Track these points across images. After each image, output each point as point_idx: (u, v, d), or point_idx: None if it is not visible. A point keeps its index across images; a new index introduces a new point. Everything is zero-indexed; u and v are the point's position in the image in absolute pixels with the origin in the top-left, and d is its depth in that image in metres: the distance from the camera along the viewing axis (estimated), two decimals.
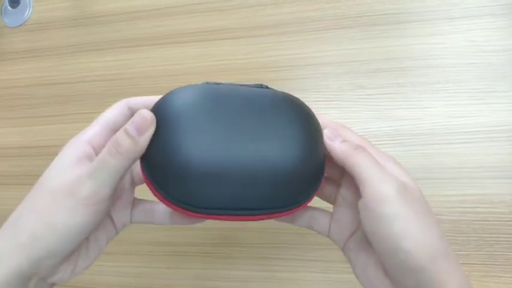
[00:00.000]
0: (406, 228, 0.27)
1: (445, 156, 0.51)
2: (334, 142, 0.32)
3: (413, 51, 0.55)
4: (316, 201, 0.35)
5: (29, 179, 0.64)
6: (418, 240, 0.27)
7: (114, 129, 0.33)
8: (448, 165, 0.51)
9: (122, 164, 0.29)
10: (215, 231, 0.55)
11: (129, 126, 0.29)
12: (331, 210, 0.37)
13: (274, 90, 0.34)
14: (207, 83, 0.33)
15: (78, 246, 0.32)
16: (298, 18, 0.59)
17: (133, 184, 0.38)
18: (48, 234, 0.29)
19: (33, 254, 0.29)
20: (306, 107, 0.34)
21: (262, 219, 0.31)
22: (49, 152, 0.64)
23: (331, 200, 0.37)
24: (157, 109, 0.31)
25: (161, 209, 0.36)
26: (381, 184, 0.29)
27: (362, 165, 0.30)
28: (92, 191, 0.29)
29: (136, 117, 0.30)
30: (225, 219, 0.30)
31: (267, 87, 0.34)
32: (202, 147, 0.28)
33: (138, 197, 0.38)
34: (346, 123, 0.53)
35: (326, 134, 0.33)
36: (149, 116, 0.30)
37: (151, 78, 0.63)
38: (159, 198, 0.30)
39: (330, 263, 0.52)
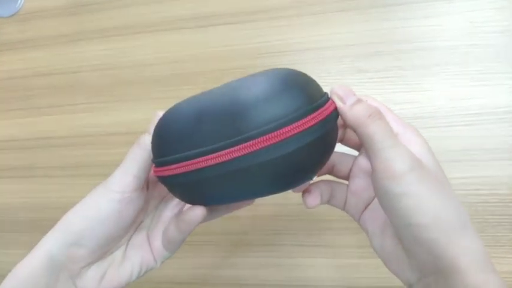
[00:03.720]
0: (419, 205, 0.27)
1: (446, 139, 0.51)
2: (345, 104, 0.29)
3: (413, 34, 0.54)
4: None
5: (28, 171, 0.63)
6: (431, 216, 0.27)
7: None
8: (449, 148, 0.51)
9: (141, 154, 0.33)
10: (218, 219, 0.55)
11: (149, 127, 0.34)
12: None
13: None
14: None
15: (105, 241, 0.33)
16: (296, 1, 0.58)
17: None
18: (78, 219, 0.33)
19: (64, 238, 0.32)
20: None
21: (262, 145, 0.26)
22: (48, 144, 0.63)
23: (345, 175, 0.36)
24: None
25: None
26: (393, 160, 0.27)
27: (375, 137, 0.28)
28: (117, 179, 0.33)
29: (153, 117, 0.34)
30: (219, 160, 0.27)
31: None
32: (175, 113, 0.31)
33: None
34: None
35: (335, 91, 0.30)
36: (159, 113, 0.33)
37: (148, 67, 0.62)
38: (158, 174, 0.31)
39: (334, 248, 0.52)
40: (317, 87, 0.30)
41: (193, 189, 0.30)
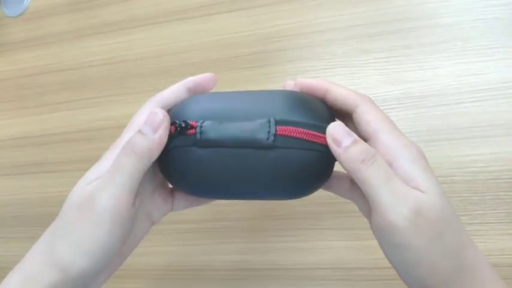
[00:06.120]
0: (417, 258, 0.27)
1: (456, 116, 0.51)
2: (339, 148, 0.28)
3: (417, 11, 0.54)
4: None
5: (44, 166, 0.64)
6: (430, 268, 0.27)
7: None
8: (459, 125, 0.50)
9: (138, 164, 0.28)
10: (234, 204, 0.56)
11: (142, 125, 0.29)
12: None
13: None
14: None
15: (112, 260, 0.30)
16: None
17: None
18: (78, 258, 0.28)
19: (66, 277, 0.28)
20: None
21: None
22: (62, 139, 0.64)
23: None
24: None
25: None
26: (390, 211, 0.26)
27: (370, 184, 0.27)
28: (111, 199, 0.28)
29: (149, 115, 0.29)
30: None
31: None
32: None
33: None
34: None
35: (330, 133, 0.29)
36: (161, 112, 0.29)
37: (156, 58, 0.62)
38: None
39: (353, 230, 0.52)
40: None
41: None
